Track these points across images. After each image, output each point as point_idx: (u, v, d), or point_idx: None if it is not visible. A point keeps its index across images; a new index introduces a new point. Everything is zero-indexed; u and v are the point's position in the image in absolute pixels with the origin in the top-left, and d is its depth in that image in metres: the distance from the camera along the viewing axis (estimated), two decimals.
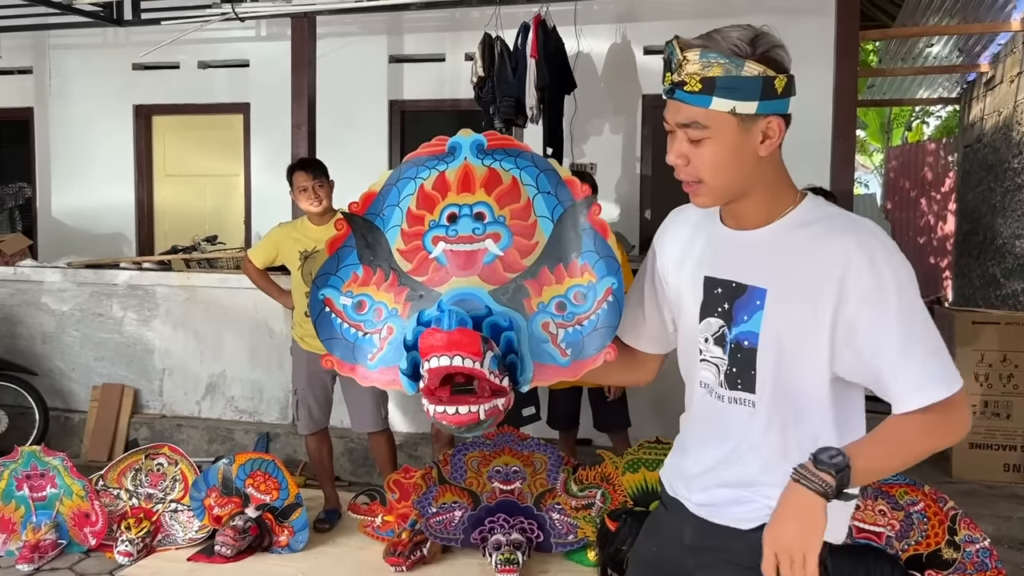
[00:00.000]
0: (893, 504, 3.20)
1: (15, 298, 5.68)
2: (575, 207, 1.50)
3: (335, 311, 1.55)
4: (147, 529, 3.91)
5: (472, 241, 1.50)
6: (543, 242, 1.50)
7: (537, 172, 1.53)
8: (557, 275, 1.49)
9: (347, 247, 1.56)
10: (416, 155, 1.57)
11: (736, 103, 1.30)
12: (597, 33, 5.95)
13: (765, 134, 1.34)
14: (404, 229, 1.54)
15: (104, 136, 6.93)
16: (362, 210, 1.57)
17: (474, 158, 1.54)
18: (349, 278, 1.55)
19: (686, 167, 1.37)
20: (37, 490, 3.96)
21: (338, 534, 4.11)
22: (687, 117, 1.33)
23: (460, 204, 1.52)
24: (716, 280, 1.44)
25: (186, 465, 4.12)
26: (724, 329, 1.43)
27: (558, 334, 1.47)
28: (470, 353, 1.32)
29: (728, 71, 1.28)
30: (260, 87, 6.55)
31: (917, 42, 7.58)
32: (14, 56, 6.96)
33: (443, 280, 1.50)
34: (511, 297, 1.48)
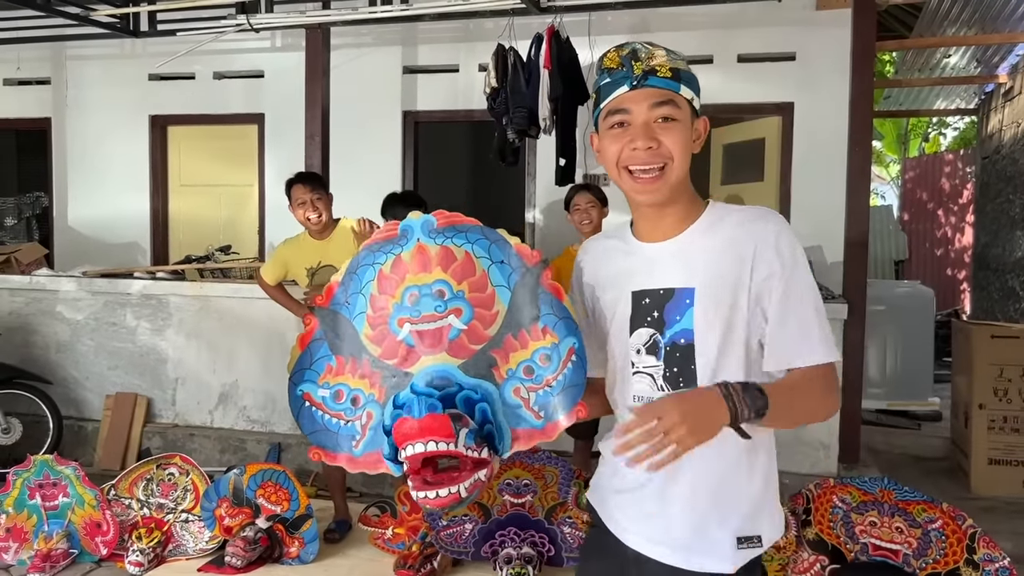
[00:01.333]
0: (910, 521, 3.14)
1: (30, 307, 5.71)
2: (529, 272, 1.55)
3: (315, 404, 1.58)
4: (158, 539, 3.90)
5: (436, 319, 1.54)
6: (503, 310, 1.55)
7: (488, 243, 1.57)
8: (521, 340, 1.53)
9: (317, 340, 1.60)
10: (371, 242, 1.62)
11: (694, 95, 1.48)
12: (610, 44, 5.88)
13: (699, 132, 1.50)
14: (369, 315, 1.58)
15: (120, 146, 6.97)
16: (326, 302, 1.61)
17: (426, 238, 1.58)
18: (324, 370, 1.59)
19: (657, 149, 1.45)
20: (49, 499, 3.96)
21: (348, 546, 4.09)
22: (663, 96, 1.45)
23: (419, 284, 1.56)
24: (643, 292, 1.53)
25: (197, 475, 4.12)
26: (655, 336, 1.51)
27: (530, 398, 1.52)
28: (443, 436, 1.37)
29: (685, 67, 1.47)
30: (274, 98, 6.57)
31: (934, 53, 7.52)
32: (32, 67, 7.03)
33: (413, 360, 1.54)
34: (480, 368, 1.52)
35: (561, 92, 4.98)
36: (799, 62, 5.74)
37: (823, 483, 3.39)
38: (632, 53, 1.46)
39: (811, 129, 5.68)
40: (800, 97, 5.73)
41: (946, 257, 11.01)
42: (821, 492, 3.33)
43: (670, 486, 1.51)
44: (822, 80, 5.60)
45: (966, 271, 10.56)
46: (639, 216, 1.59)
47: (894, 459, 5.59)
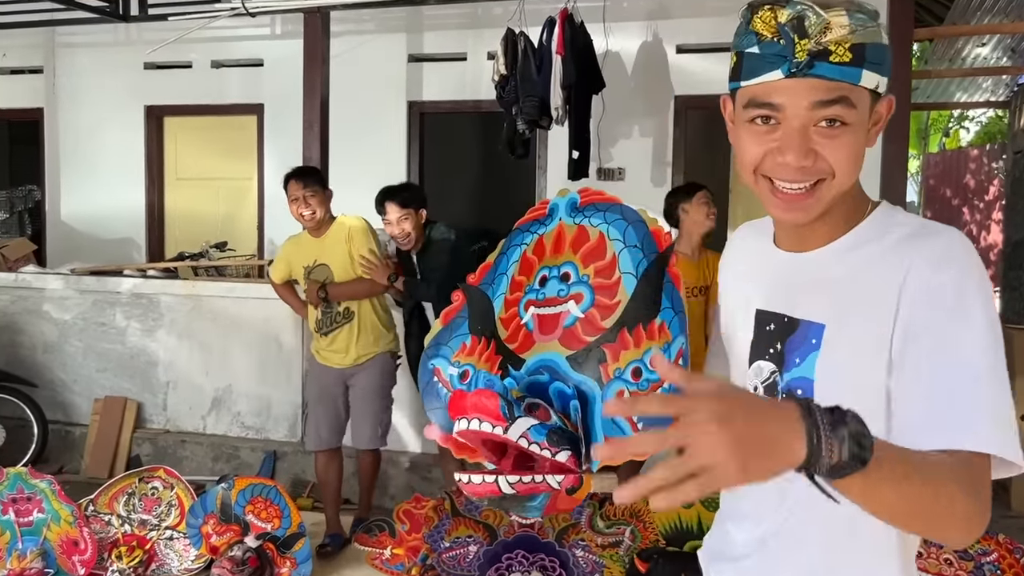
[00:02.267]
0: (961, 553, 2.84)
1: (16, 305, 5.46)
2: (658, 259, 1.43)
3: (442, 381, 1.54)
4: (140, 558, 3.65)
5: (556, 303, 1.48)
6: (625, 301, 1.42)
7: (625, 225, 1.47)
8: (636, 337, 1.39)
9: (460, 317, 1.57)
10: (522, 221, 1.60)
11: (880, 79, 1.02)
12: (627, 31, 5.63)
13: (879, 115, 1.06)
14: (507, 297, 1.55)
15: (115, 138, 6.72)
16: (478, 280, 1.60)
17: (567, 217, 1.53)
18: (458, 348, 1.55)
19: (813, 165, 1.03)
20: (23, 515, 3.71)
21: (344, 565, 3.84)
22: (833, 91, 1.00)
23: (551, 266, 1.51)
24: (768, 314, 1.17)
25: (182, 489, 3.85)
26: (776, 376, 1.14)
27: None
28: (490, 417, 1.26)
29: (877, 38, 1.00)
30: (274, 87, 6.30)
31: (964, 44, 7.21)
32: (24, 55, 6.78)
33: (528, 346, 1.48)
34: (588, 364, 1.40)
35: (575, 80, 4.68)
36: None
37: None
38: (797, 20, 0.99)
39: None
40: None
41: None
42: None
43: (779, 565, 1.17)
44: None
45: (992, 270, 10.24)
46: (777, 223, 1.20)
47: None
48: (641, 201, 1.48)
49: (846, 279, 1.08)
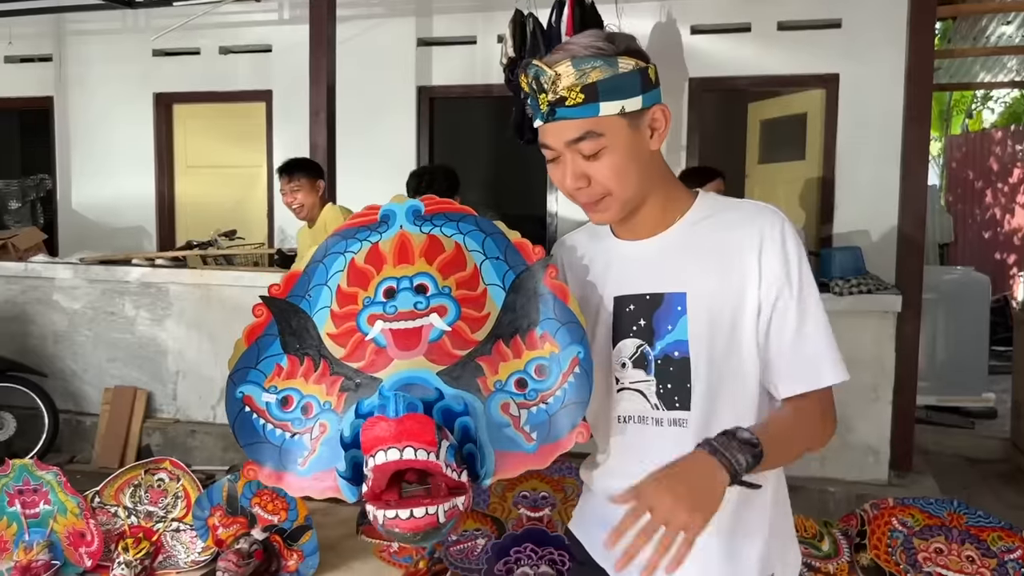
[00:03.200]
0: (984, 550, 2.75)
1: (26, 295, 5.45)
2: (530, 271, 1.35)
3: (256, 411, 1.35)
4: (147, 550, 3.61)
5: (414, 317, 1.33)
6: (495, 313, 1.34)
7: (483, 236, 1.38)
8: (514, 348, 1.33)
9: (268, 335, 1.37)
10: (344, 227, 1.41)
11: (623, 102, 1.25)
12: (640, 11, 5.51)
13: (652, 127, 1.29)
14: (334, 310, 1.36)
15: (124, 125, 6.69)
16: (284, 292, 1.39)
17: (411, 225, 1.38)
18: (272, 371, 1.36)
19: (587, 187, 1.29)
20: (30, 506, 3.68)
21: (351, 558, 3.79)
22: (577, 130, 1.25)
23: (398, 277, 1.36)
24: (627, 298, 1.36)
25: (188, 481, 3.82)
26: (643, 347, 1.34)
27: (520, 416, 1.30)
28: (423, 443, 1.13)
29: (605, 73, 1.23)
30: (282, 73, 6.24)
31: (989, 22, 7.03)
32: (34, 43, 6.75)
33: (383, 364, 1.32)
34: (463, 378, 1.31)
35: None
36: (845, 30, 5.29)
37: (881, 503, 3.00)
38: (535, 79, 1.25)
39: (858, 103, 5.24)
40: (846, 68, 5.28)
41: (995, 240, 10.49)
42: (878, 513, 2.94)
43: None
44: (872, 49, 5.15)
45: (1017, 255, 10.05)
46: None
47: (946, 461, 5.17)
48: None
49: (693, 251, 1.32)
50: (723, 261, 1.30)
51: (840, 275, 4.22)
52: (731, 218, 1.33)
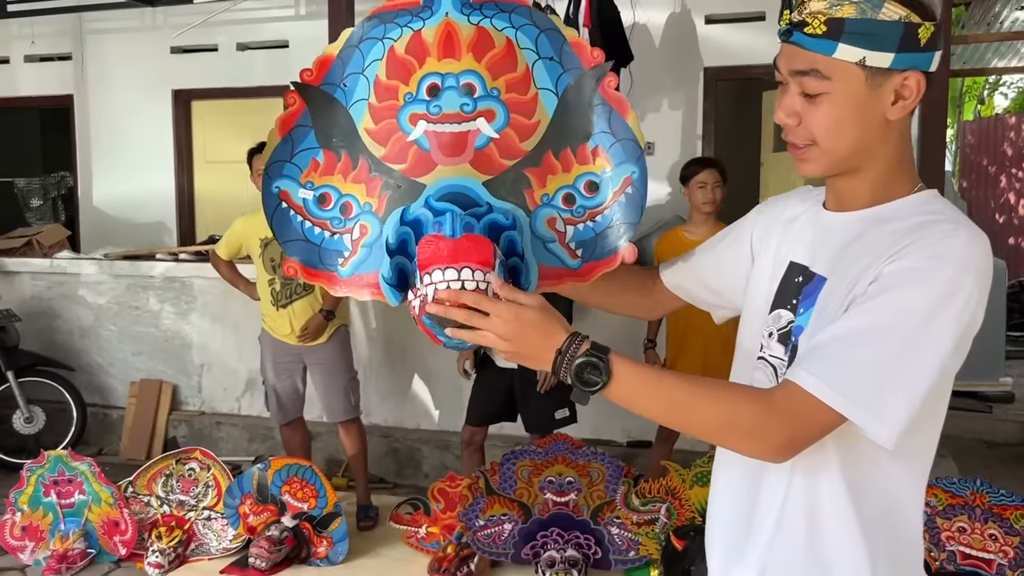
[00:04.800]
0: (1007, 528, 2.79)
1: (52, 291, 5.53)
2: (584, 77, 1.24)
3: (293, 206, 1.27)
4: (179, 538, 3.70)
5: (460, 120, 1.23)
6: (546, 121, 1.24)
7: (537, 32, 1.25)
8: (564, 162, 1.25)
9: (302, 126, 1.26)
10: (383, 9, 1.27)
11: (867, 52, 1.05)
12: (655, 1, 5.53)
13: (899, 93, 1.09)
14: (372, 104, 1.25)
15: (144, 122, 6.75)
16: (317, 79, 1.27)
17: (457, 14, 1.24)
18: (308, 165, 1.27)
19: (797, 127, 1.14)
20: (65, 496, 3.77)
21: (379, 544, 3.86)
22: (805, 63, 1.09)
23: (443, 73, 1.24)
24: (798, 266, 1.22)
25: (219, 470, 3.89)
26: (792, 325, 1.20)
27: (566, 232, 1.26)
28: (480, 264, 1.09)
29: (862, 12, 1.05)
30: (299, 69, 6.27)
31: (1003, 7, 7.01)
32: (54, 42, 6.82)
33: (426, 169, 1.24)
34: (509, 188, 1.23)
35: None
36: None
37: None
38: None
39: None
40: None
41: (1009, 225, 10.46)
42: None
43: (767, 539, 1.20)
44: None
45: None
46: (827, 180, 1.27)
47: (964, 445, 5.20)
48: (672, 174, 1.38)
49: (854, 242, 1.14)
50: (866, 262, 1.10)
51: None
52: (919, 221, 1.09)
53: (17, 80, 7.03)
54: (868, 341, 1.03)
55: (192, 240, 6.58)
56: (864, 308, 1.05)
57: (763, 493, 1.21)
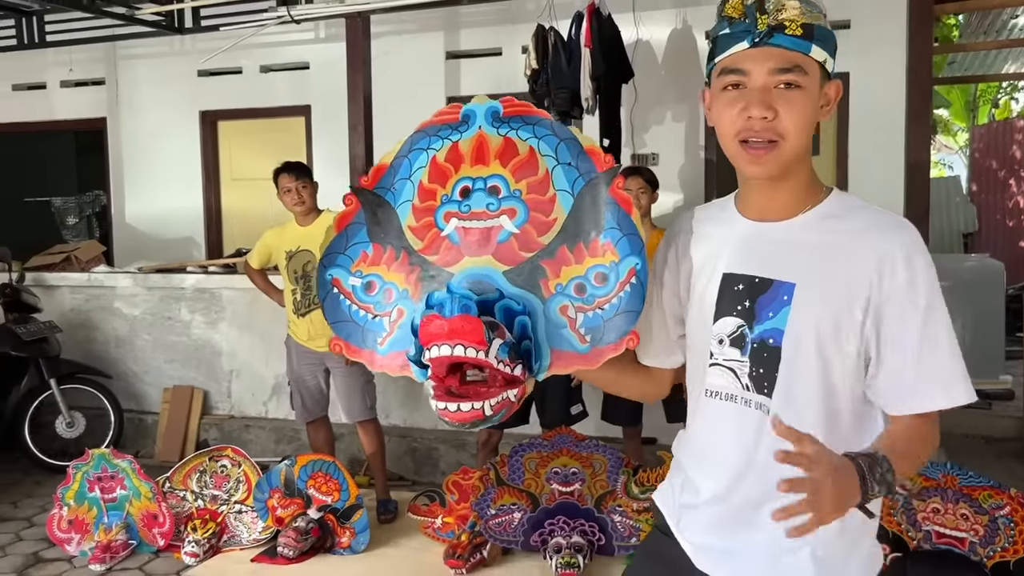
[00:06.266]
0: (976, 508, 3.00)
1: (90, 303, 5.85)
2: (597, 179, 1.39)
3: (343, 292, 1.46)
4: (213, 530, 3.96)
5: (486, 217, 1.41)
6: (562, 218, 1.39)
7: (557, 141, 1.42)
8: (577, 254, 1.39)
9: (356, 224, 1.46)
10: (428, 124, 1.47)
11: (828, 56, 1.26)
12: (656, 19, 5.78)
13: (827, 97, 1.29)
14: (416, 204, 1.44)
15: (173, 143, 7.09)
16: (372, 184, 1.47)
17: (489, 127, 1.43)
18: (358, 257, 1.46)
19: (771, 121, 1.26)
20: (108, 491, 4.05)
21: (398, 535, 4.10)
22: (788, 61, 1.25)
23: (474, 177, 1.42)
24: (736, 276, 1.36)
25: (249, 466, 4.16)
26: (744, 329, 1.34)
27: (577, 318, 1.37)
28: (473, 342, 1.24)
29: (820, 21, 1.25)
30: (320, 89, 6.58)
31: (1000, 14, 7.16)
32: (88, 68, 7.18)
33: (455, 260, 1.41)
34: (527, 278, 1.38)
35: (603, 71, 4.86)
36: (854, 30, 5.50)
37: None
38: (758, 2, 1.25)
39: (868, 99, 5.45)
40: (856, 66, 5.48)
41: (1019, 229, 10.53)
42: None
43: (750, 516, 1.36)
44: (879, 47, 5.36)
45: None
46: (747, 188, 1.40)
47: (963, 441, 5.36)
48: (677, 184, 1.53)
49: (815, 247, 1.30)
50: (841, 266, 1.27)
51: None
52: (861, 224, 1.29)
53: (53, 104, 7.40)
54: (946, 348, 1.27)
55: (220, 253, 6.89)
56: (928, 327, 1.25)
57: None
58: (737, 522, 1.38)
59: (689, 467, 1.48)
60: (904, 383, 1.27)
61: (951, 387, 1.26)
